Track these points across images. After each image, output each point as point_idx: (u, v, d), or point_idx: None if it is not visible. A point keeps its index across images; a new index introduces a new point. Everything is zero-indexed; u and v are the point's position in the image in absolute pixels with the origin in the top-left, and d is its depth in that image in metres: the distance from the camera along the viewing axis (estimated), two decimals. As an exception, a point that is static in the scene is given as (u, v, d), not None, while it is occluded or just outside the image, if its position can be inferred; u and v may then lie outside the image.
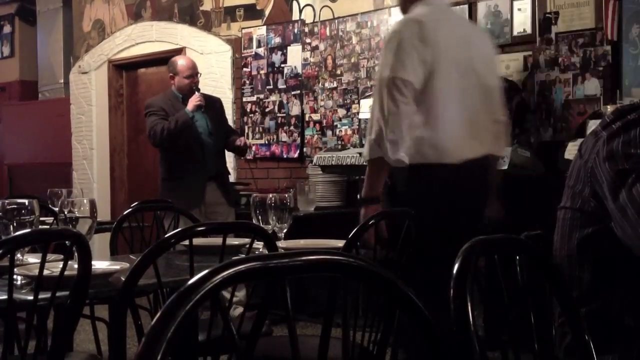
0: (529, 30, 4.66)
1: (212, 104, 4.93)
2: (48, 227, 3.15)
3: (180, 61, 4.95)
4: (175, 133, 4.64)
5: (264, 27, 6.06)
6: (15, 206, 2.16)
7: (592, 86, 4.39)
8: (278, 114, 5.94)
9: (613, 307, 1.50)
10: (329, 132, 5.63)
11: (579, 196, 1.53)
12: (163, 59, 6.83)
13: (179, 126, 4.64)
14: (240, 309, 4.27)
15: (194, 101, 4.72)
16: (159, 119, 4.71)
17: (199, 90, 4.82)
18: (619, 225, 1.42)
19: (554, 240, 1.61)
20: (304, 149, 5.77)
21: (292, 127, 5.86)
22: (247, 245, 2.34)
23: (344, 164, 4.55)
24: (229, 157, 5.44)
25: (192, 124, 4.69)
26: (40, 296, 1.86)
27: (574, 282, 1.55)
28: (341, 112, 5.56)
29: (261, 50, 6.06)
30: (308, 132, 5.77)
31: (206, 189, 4.74)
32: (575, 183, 1.55)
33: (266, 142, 6.01)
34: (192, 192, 4.68)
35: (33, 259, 2.26)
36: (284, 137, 5.90)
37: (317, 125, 5.71)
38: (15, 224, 2.13)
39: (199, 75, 4.94)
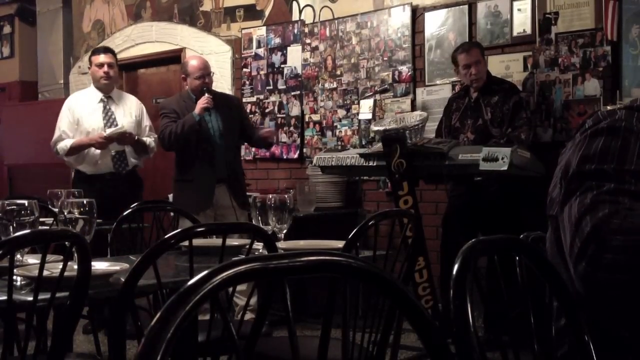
0: (528, 31, 4.66)
1: (227, 104, 4.80)
2: (48, 227, 3.15)
3: (191, 62, 4.80)
4: (182, 137, 4.52)
5: (264, 27, 6.06)
6: (15, 207, 2.16)
7: (592, 86, 4.39)
8: (278, 115, 5.94)
9: (604, 318, 1.47)
10: (329, 133, 5.63)
11: (553, 202, 1.51)
12: (163, 59, 6.85)
13: (185, 130, 4.50)
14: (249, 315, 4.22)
15: (201, 104, 4.54)
16: (170, 121, 4.59)
17: (209, 91, 4.64)
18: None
19: (547, 246, 1.58)
20: (304, 150, 5.77)
21: (292, 128, 5.86)
22: (247, 246, 2.34)
23: (344, 164, 4.54)
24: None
25: (199, 128, 4.54)
26: (40, 297, 1.86)
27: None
28: (341, 112, 5.56)
29: (261, 51, 6.06)
30: (308, 133, 5.76)
31: (215, 191, 4.60)
32: (552, 189, 1.53)
33: (266, 142, 6.01)
34: (201, 194, 4.57)
35: (33, 259, 2.26)
36: (283, 137, 5.89)
37: (317, 125, 5.71)
38: (15, 225, 2.13)
39: (211, 75, 4.77)
